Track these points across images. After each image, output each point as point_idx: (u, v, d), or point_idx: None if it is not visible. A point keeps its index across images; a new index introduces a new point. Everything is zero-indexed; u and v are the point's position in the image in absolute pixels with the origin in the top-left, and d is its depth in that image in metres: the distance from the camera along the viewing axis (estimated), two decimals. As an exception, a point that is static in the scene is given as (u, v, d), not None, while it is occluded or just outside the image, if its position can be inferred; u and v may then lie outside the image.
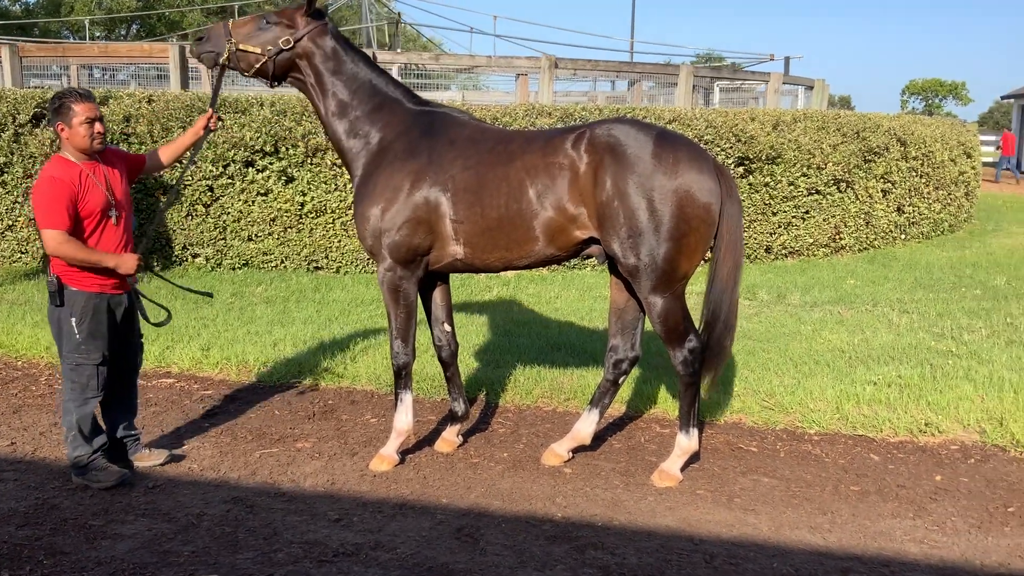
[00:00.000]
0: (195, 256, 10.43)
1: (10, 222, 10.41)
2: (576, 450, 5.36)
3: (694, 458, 5.23)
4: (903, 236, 13.60)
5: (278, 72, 5.23)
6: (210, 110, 5.30)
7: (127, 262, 4.75)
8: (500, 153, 4.87)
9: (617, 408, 6.17)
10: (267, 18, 5.21)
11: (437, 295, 5.44)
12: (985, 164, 23.59)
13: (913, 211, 13.65)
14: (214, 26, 5.32)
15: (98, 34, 41.42)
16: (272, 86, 5.41)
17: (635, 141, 4.66)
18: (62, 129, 4.67)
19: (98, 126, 4.71)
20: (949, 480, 5.13)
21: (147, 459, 5.13)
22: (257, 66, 5.16)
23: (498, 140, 4.98)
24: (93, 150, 4.74)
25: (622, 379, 5.33)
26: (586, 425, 5.32)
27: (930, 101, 77.85)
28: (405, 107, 5.20)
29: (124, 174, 4.98)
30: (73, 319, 4.73)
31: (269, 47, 5.13)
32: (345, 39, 5.36)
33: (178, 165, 7.19)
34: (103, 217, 4.75)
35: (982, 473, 5.24)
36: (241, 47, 5.13)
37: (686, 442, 5.04)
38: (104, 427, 5.05)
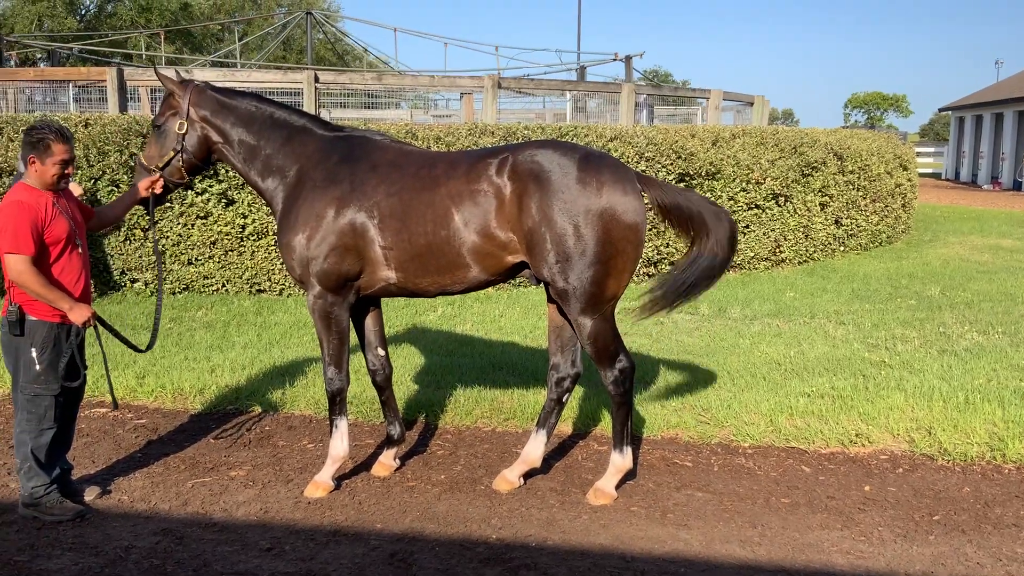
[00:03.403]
0: (133, 281, 10.28)
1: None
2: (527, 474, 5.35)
3: (629, 475, 5.27)
4: (842, 248, 13.87)
5: (201, 156, 5.25)
6: (157, 174, 5.23)
7: (81, 313, 4.68)
8: (424, 178, 4.87)
9: (556, 426, 6.19)
10: (156, 123, 5.27)
11: (369, 320, 5.43)
12: (922, 175, 24.16)
13: (851, 223, 13.93)
14: (136, 173, 5.36)
15: (39, 55, 40.78)
16: (210, 169, 5.41)
17: (558, 166, 4.69)
18: (33, 162, 4.61)
19: (69, 168, 4.70)
20: (877, 490, 5.23)
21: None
22: (183, 167, 5.22)
23: (421, 164, 4.97)
24: (58, 189, 4.73)
25: (566, 397, 5.34)
26: (535, 448, 5.30)
27: (872, 114, 79.60)
28: (317, 135, 5.19)
29: (78, 213, 4.96)
30: (34, 349, 4.65)
31: (173, 143, 5.17)
32: (226, 89, 5.41)
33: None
34: (68, 245, 4.71)
35: (910, 482, 5.36)
36: (159, 166, 5.19)
37: (620, 460, 5.08)
38: None
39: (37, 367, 4.67)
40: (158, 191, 5.28)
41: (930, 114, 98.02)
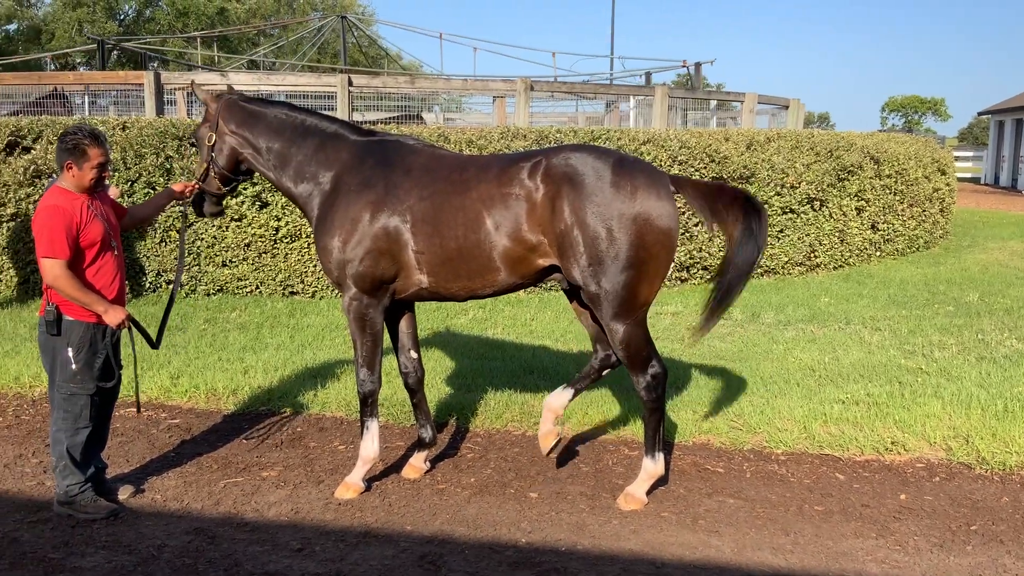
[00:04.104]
0: (169, 283, 10.40)
1: (-18, 251, 10.35)
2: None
3: (661, 481, 5.23)
4: (878, 253, 13.69)
5: (230, 167, 5.34)
6: (194, 183, 5.37)
7: (115, 315, 4.74)
8: (456, 182, 4.87)
9: (585, 430, 6.18)
10: (194, 136, 5.45)
11: (403, 323, 5.44)
12: (961, 180, 23.83)
13: (888, 228, 13.75)
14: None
15: (79, 60, 41.45)
16: (244, 180, 5.56)
17: (592, 169, 4.67)
18: (69, 167, 4.68)
19: (105, 171, 4.77)
20: (913, 499, 5.15)
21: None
22: (216, 178, 5.34)
23: (453, 168, 4.97)
24: (94, 192, 4.80)
25: (607, 372, 5.33)
26: (558, 398, 5.23)
27: (910, 118, 78.64)
28: (350, 140, 5.21)
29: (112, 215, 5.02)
30: (70, 349, 4.72)
31: (206, 155, 5.32)
32: (258, 99, 5.50)
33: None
34: (103, 247, 4.78)
35: (947, 491, 5.27)
36: (200, 178, 5.36)
37: (652, 466, 5.04)
38: None
39: (73, 366, 4.73)
40: (188, 196, 5.36)
41: (969, 118, 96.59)
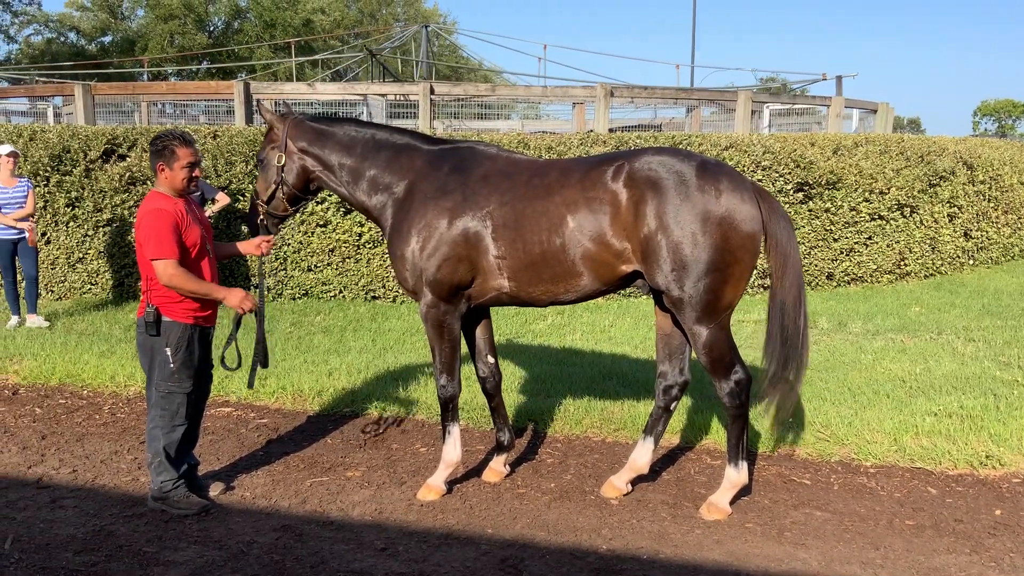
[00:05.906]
0: (256, 287, 10.65)
1: (80, 255, 10.78)
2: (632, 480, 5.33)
3: (744, 491, 5.15)
4: (971, 262, 13.25)
5: (300, 186, 5.36)
6: (271, 237, 5.41)
7: (236, 296, 4.92)
8: (537, 187, 4.87)
9: (667, 438, 6.11)
10: (259, 158, 5.45)
11: (479, 329, 5.47)
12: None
13: (981, 236, 13.30)
14: (250, 207, 5.59)
15: (170, 70, 42.88)
16: (312, 199, 5.61)
17: (676, 173, 4.63)
18: (162, 169, 4.87)
19: (196, 170, 4.94)
20: (1009, 514, 4.96)
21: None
22: (284, 199, 5.36)
23: (533, 173, 4.97)
24: (188, 192, 4.99)
25: (673, 405, 5.28)
26: (642, 454, 5.26)
27: (1003, 122, 75.85)
28: (423, 150, 5.25)
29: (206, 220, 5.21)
30: (168, 349, 4.89)
31: (275, 176, 5.32)
32: (324, 116, 5.53)
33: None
34: (202, 251, 4.96)
35: (1046, 508, 5.06)
36: (265, 200, 5.38)
37: (735, 475, 4.97)
38: None
39: (171, 365, 4.89)
40: (266, 252, 5.39)
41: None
